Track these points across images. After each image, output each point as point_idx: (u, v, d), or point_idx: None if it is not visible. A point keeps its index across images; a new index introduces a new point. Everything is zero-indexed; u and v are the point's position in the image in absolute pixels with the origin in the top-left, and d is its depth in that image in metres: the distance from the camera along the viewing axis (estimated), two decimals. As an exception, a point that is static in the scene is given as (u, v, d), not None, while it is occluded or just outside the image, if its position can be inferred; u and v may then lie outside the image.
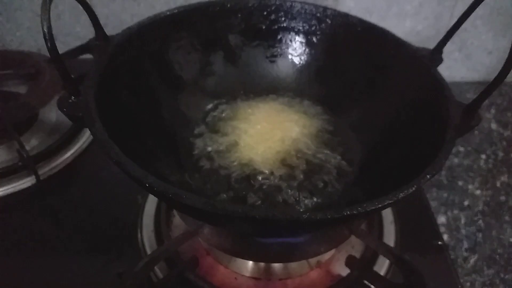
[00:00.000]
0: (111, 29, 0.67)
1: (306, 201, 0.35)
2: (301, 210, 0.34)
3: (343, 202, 0.34)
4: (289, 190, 0.36)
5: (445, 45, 0.36)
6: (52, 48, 0.26)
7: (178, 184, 0.34)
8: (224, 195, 0.35)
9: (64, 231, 0.43)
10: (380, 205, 0.23)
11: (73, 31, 0.68)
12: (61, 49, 0.73)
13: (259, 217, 0.22)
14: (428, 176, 0.25)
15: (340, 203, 0.34)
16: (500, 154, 0.59)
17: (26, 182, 0.46)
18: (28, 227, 0.43)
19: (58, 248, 0.41)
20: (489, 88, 0.28)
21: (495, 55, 0.71)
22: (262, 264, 0.37)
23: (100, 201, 0.45)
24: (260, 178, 0.37)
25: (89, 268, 0.39)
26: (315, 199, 0.36)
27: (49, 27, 0.25)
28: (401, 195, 0.24)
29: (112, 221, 0.43)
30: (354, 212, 0.23)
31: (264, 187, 0.36)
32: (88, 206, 0.45)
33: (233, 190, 0.36)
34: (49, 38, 0.25)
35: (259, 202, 0.34)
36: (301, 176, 0.37)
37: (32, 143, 0.51)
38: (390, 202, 0.23)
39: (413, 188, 0.24)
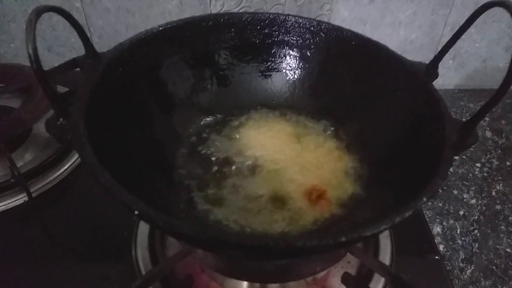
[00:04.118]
0: (106, 41, 0.67)
1: (306, 223, 0.35)
2: (301, 231, 0.33)
3: (343, 224, 0.34)
4: (287, 211, 0.36)
5: (440, 60, 0.36)
6: (38, 70, 0.25)
7: (170, 205, 0.33)
8: (218, 215, 0.35)
9: (57, 249, 0.42)
10: (376, 231, 0.23)
11: (68, 42, 0.67)
12: (56, 60, 0.73)
13: (251, 245, 0.21)
14: (425, 198, 0.25)
15: (340, 226, 0.34)
16: (495, 162, 0.59)
17: (18, 199, 0.46)
18: (20, 245, 0.42)
19: (51, 267, 0.40)
20: (486, 106, 0.28)
21: (489, 63, 0.72)
22: (257, 282, 0.36)
23: (94, 219, 0.45)
24: (255, 197, 0.36)
25: (82, 286, 0.38)
26: (314, 221, 0.35)
27: (35, 49, 0.25)
28: (398, 219, 0.24)
29: (107, 239, 0.42)
30: (350, 238, 0.22)
31: (259, 207, 0.36)
32: (82, 224, 0.44)
33: (227, 210, 0.35)
34: (35, 60, 0.25)
35: (253, 225, 0.34)
36: (302, 196, 0.37)
37: (26, 158, 0.50)
38: (387, 227, 0.23)
39: (410, 212, 0.24)
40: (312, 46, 0.44)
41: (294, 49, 0.45)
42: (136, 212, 0.23)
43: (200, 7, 0.63)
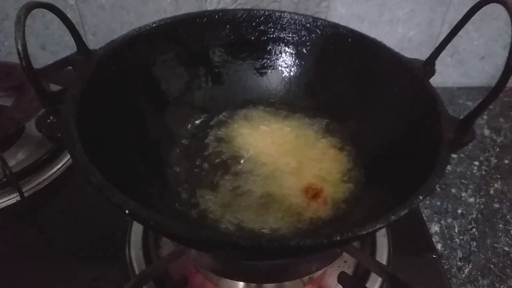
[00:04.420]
0: (100, 39, 0.66)
1: (302, 222, 0.34)
2: (297, 230, 0.33)
3: (339, 223, 0.33)
4: (283, 210, 0.35)
5: (437, 57, 0.36)
6: (28, 67, 0.25)
7: (165, 205, 0.33)
8: (214, 215, 0.34)
9: (49, 249, 0.42)
10: (371, 230, 0.22)
11: (62, 40, 0.66)
12: (50, 58, 0.72)
13: (245, 245, 0.21)
14: (421, 197, 0.24)
15: (336, 224, 0.33)
16: (493, 160, 0.59)
17: (10, 199, 0.45)
18: (12, 245, 0.42)
19: (43, 267, 0.39)
20: (483, 104, 0.27)
21: (487, 60, 0.71)
22: (253, 282, 0.36)
23: (87, 219, 0.44)
24: (250, 196, 0.36)
25: (75, 286, 0.38)
26: (310, 219, 0.35)
27: (24, 46, 0.24)
28: (393, 218, 0.23)
29: (100, 238, 0.42)
30: (345, 238, 0.22)
31: (255, 205, 0.35)
32: (75, 224, 0.44)
33: (223, 209, 0.35)
34: (24, 57, 0.24)
35: (249, 224, 0.33)
36: (298, 195, 0.36)
37: (18, 157, 0.50)
38: (382, 226, 0.23)
39: (405, 211, 0.23)
40: (308, 43, 0.44)
41: (290, 46, 0.44)
42: (127, 212, 0.22)
43: (195, 4, 0.62)
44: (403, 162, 0.32)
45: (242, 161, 0.39)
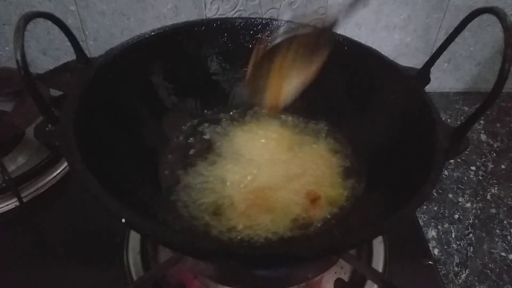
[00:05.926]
0: (101, 44, 0.67)
1: (299, 228, 0.35)
2: (294, 237, 0.33)
3: (336, 230, 0.33)
4: (281, 217, 0.35)
5: (432, 65, 0.36)
6: (26, 76, 0.25)
7: (161, 212, 0.33)
8: (211, 222, 0.34)
9: (47, 254, 0.42)
10: (364, 239, 0.23)
11: (63, 45, 0.67)
12: (51, 63, 0.71)
13: (240, 254, 0.21)
14: (414, 206, 0.24)
15: (333, 231, 0.33)
16: (490, 165, 0.59)
17: (9, 204, 0.45)
18: (10, 250, 0.42)
19: (41, 272, 0.40)
20: (477, 111, 0.28)
21: (483, 66, 0.72)
22: (250, 287, 0.36)
23: (86, 224, 0.44)
24: (247, 203, 0.36)
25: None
26: (308, 226, 0.35)
27: (23, 55, 0.25)
28: (388, 225, 0.23)
29: (98, 244, 0.42)
30: (340, 246, 0.22)
31: (253, 213, 0.35)
32: (73, 229, 0.44)
33: (220, 216, 0.35)
34: (23, 66, 0.25)
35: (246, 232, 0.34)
36: (296, 202, 0.37)
37: (18, 162, 0.50)
38: (375, 235, 0.23)
39: (399, 219, 0.24)
40: (304, 51, 0.44)
41: (287, 53, 0.45)
42: (123, 220, 0.23)
43: (195, 11, 0.63)
44: (399, 170, 0.33)
45: (239, 166, 0.39)
